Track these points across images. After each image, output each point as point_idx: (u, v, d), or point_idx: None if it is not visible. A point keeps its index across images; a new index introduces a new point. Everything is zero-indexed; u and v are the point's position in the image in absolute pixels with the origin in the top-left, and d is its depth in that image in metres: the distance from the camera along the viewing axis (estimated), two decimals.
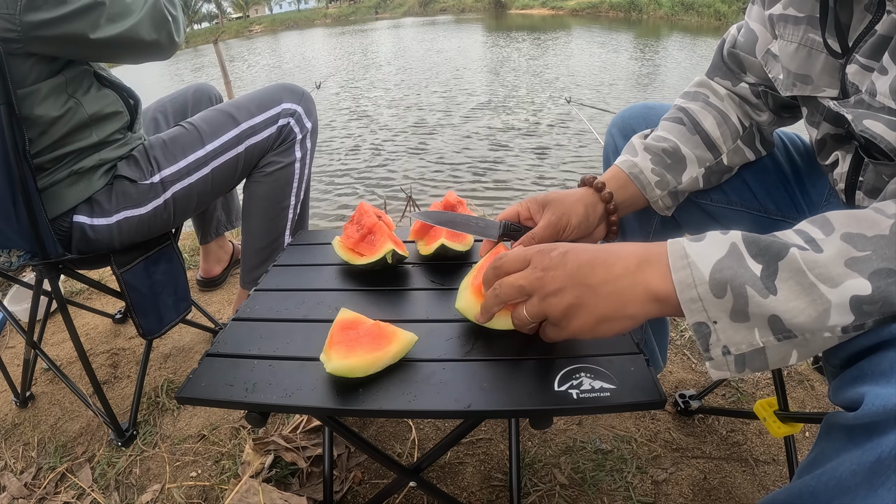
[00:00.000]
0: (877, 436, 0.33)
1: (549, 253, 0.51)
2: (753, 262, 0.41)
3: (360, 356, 0.57)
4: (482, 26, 27.23)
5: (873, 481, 0.32)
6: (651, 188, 0.71)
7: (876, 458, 0.32)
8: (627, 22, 25.71)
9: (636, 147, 0.72)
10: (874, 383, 0.37)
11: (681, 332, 1.31)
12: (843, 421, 0.37)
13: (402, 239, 0.90)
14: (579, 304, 0.48)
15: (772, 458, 0.96)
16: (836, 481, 0.34)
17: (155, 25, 0.93)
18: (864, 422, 0.35)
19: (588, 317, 0.48)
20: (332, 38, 26.54)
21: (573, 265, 0.49)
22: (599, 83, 10.47)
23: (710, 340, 0.43)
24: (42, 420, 1.18)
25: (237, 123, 1.10)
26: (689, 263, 0.43)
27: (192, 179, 1.06)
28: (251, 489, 0.87)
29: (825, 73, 0.56)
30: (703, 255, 0.43)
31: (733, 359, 0.43)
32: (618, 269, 0.47)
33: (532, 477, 0.94)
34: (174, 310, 1.13)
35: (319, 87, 6.52)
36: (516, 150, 6.00)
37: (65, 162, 0.95)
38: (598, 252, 0.49)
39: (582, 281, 0.48)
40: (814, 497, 0.35)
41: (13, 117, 0.81)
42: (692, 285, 0.43)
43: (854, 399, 0.37)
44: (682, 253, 0.44)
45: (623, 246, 0.50)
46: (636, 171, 0.70)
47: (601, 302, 0.47)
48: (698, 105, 0.72)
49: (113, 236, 1.00)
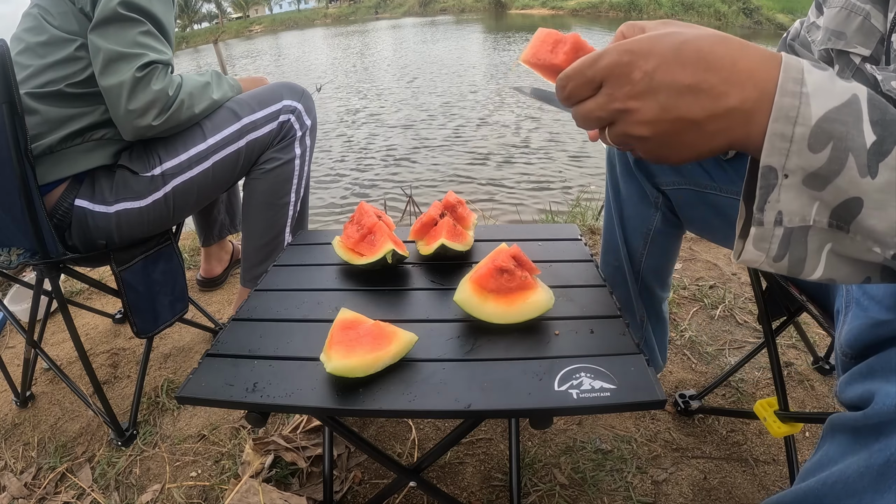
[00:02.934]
0: (885, 437, 0.32)
1: (629, 74, 0.37)
2: (870, 129, 0.33)
3: (360, 356, 0.57)
4: (482, 27, 27.24)
5: (880, 484, 0.31)
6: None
7: (885, 460, 0.31)
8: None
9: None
10: (885, 381, 0.36)
11: (680, 332, 1.31)
12: (849, 421, 0.36)
13: (402, 239, 0.90)
14: (677, 142, 0.37)
15: (772, 458, 0.96)
16: (843, 484, 0.33)
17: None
18: (873, 422, 0.34)
19: (682, 153, 0.38)
20: (332, 38, 26.56)
21: (667, 92, 0.35)
22: None
23: (770, 197, 0.35)
24: (42, 420, 1.18)
25: (238, 118, 1.11)
26: (803, 94, 0.33)
27: (193, 173, 1.07)
28: (251, 489, 0.87)
29: (859, 33, 0.57)
30: (820, 90, 0.33)
31: (782, 232, 0.36)
32: (733, 101, 0.35)
33: (532, 477, 0.94)
34: (170, 310, 1.13)
35: (320, 89, 6.51)
36: (516, 150, 6.00)
37: (79, 126, 0.97)
38: (697, 68, 0.35)
39: (682, 116, 0.36)
40: (819, 500, 0.34)
41: (14, 115, 0.81)
42: (792, 120, 0.33)
43: (863, 397, 0.36)
44: (799, 77, 0.34)
45: (735, 59, 0.35)
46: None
47: (706, 140, 0.37)
48: None
49: (111, 227, 1.00)
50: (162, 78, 0.96)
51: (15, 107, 0.81)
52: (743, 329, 1.32)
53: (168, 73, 0.98)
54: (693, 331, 1.32)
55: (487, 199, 4.25)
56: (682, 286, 1.50)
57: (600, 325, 0.66)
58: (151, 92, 0.94)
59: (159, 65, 0.96)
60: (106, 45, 0.92)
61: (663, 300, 0.98)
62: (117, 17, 0.92)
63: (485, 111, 8.40)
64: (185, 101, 1.01)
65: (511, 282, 0.67)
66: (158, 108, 0.96)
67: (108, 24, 0.93)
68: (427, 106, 9.03)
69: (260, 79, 1.28)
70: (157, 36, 0.98)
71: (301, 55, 19.84)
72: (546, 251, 0.88)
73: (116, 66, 0.93)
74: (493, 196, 4.36)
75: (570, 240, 0.92)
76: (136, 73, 0.92)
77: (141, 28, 0.95)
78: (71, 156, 0.97)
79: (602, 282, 0.77)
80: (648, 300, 0.96)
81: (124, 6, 0.93)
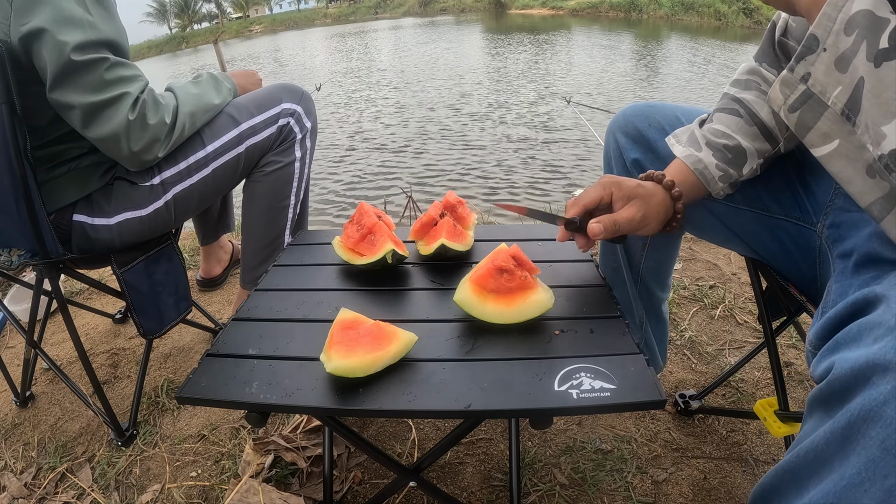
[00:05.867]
0: (846, 401, 0.33)
1: None
2: (885, 37, 0.41)
3: (360, 356, 0.57)
4: (482, 27, 27.22)
5: (845, 448, 0.31)
6: (715, 182, 0.70)
7: (846, 422, 0.32)
8: (627, 22, 25.70)
9: (699, 140, 0.71)
10: (846, 350, 0.37)
11: (680, 332, 1.31)
12: (817, 394, 0.37)
13: (402, 239, 0.90)
14: None
15: (772, 458, 0.96)
16: (814, 454, 0.34)
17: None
18: (836, 388, 0.35)
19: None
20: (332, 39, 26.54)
21: None
22: (598, 83, 10.47)
23: (808, 57, 0.45)
24: (42, 420, 1.18)
25: (237, 124, 1.10)
26: None
27: (193, 180, 1.06)
28: (251, 489, 0.87)
29: None
30: None
31: (803, 90, 0.46)
32: None
33: (532, 477, 0.94)
34: (174, 309, 1.13)
35: (320, 88, 6.51)
36: (516, 150, 6.00)
37: (64, 158, 0.95)
38: None
39: None
40: (794, 474, 0.35)
41: (14, 116, 0.81)
42: (839, 8, 0.43)
43: (828, 368, 0.37)
44: None
45: None
46: (701, 166, 0.70)
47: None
48: (753, 95, 0.71)
49: (113, 236, 1.00)
50: (154, 108, 0.91)
51: (14, 107, 0.81)
52: (743, 329, 1.32)
53: (154, 98, 0.93)
54: (693, 331, 1.32)
55: (487, 200, 4.25)
56: (682, 286, 1.50)
57: (600, 325, 0.66)
58: (150, 128, 0.91)
59: (142, 94, 0.90)
60: (78, 99, 0.84)
61: (663, 301, 0.98)
62: (75, 66, 0.82)
63: (485, 111, 8.40)
64: (187, 124, 0.99)
65: (511, 282, 0.67)
66: (161, 140, 0.94)
67: (68, 76, 0.83)
68: (428, 107, 9.03)
69: (251, 72, 1.27)
70: (121, 62, 0.88)
71: (301, 55, 19.83)
72: (546, 251, 0.88)
73: (101, 115, 0.86)
74: (492, 197, 4.36)
75: (570, 240, 0.91)
76: (130, 117, 0.87)
77: (104, 65, 0.85)
78: (60, 186, 0.95)
79: (602, 282, 0.77)
80: (648, 301, 0.96)
81: (78, 51, 0.81)
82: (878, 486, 0.29)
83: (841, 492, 0.31)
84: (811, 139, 0.47)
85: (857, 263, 0.54)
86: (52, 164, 0.94)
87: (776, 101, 0.49)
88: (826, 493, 0.32)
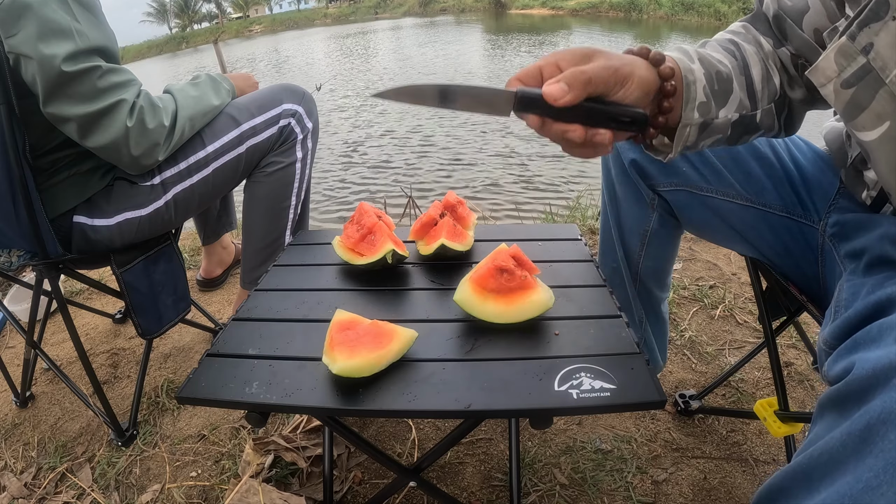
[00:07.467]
0: (865, 402, 0.32)
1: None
2: None
3: (363, 355, 0.57)
4: (482, 27, 27.23)
5: (862, 450, 0.31)
6: (692, 106, 0.54)
7: (865, 424, 0.31)
8: (627, 22, 25.70)
9: (691, 54, 0.56)
10: (865, 350, 0.36)
11: (681, 332, 1.31)
12: (832, 395, 0.36)
13: (402, 239, 0.90)
14: None
15: (772, 458, 0.96)
16: (829, 455, 0.33)
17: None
18: (854, 389, 0.34)
19: None
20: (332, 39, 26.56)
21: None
22: None
23: (873, 25, 0.42)
24: (42, 420, 1.18)
25: (238, 124, 1.10)
26: None
27: (194, 180, 1.06)
28: (251, 489, 0.87)
29: None
30: None
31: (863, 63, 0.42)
32: None
33: (532, 477, 0.94)
34: (174, 309, 1.13)
35: (320, 88, 6.51)
36: (517, 150, 6.00)
37: (63, 164, 0.95)
38: None
39: None
40: (805, 475, 0.34)
41: (13, 118, 0.81)
42: None
43: (846, 369, 0.36)
44: None
45: None
46: (692, 77, 0.54)
47: None
48: (752, 48, 0.61)
49: (113, 236, 1.00)
50: (151, 112, 0.91)
51: (13, 108, 0.80)
52: (743, 329, 1.32)
53: (151, 101, 0.92)
54: (693, 331, 1.32)
55: (487, 199, 4.25)
56: (682, 286, 1.50)
57: (600, 325, 0.66)
58: (150, 133, 0.91)
59: (137, 99, 0.89)
60: (73, 111, 0.82)
61: (662, 300, 0.98)
62: (67, 77, 0.80)
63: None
64: (187, 126, 0.99)
65: (511, 282, 0.67)
66: (162, 143, 0.94)
67: (61, 88, 0.81)
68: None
69: (248, 76, 1.26)
70: (113, 68, 0.86)
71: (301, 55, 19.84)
72: (546, 251, 0.88)
73: (98, 125, 0.86)
74: (493, 196, 4.36)
75: (569, 240, 0.92)
76: (128, 123, 0.87)
77: (97, 73, 0.83)
78: (60, 192, 0.95)
79: (602, 282, 0.77)
80: (647, 301, 0.96)
81: (69, 61, 0.80)
82: (895, 491, 0.28)
83: (856, 494, 0.29)
84: (862, 121, 0.42)
85: (868, 264, 0.53)
86: (51, 171, 0.94)
87: (827, 72, 0.42)
88: (840, 495, 0.30)
